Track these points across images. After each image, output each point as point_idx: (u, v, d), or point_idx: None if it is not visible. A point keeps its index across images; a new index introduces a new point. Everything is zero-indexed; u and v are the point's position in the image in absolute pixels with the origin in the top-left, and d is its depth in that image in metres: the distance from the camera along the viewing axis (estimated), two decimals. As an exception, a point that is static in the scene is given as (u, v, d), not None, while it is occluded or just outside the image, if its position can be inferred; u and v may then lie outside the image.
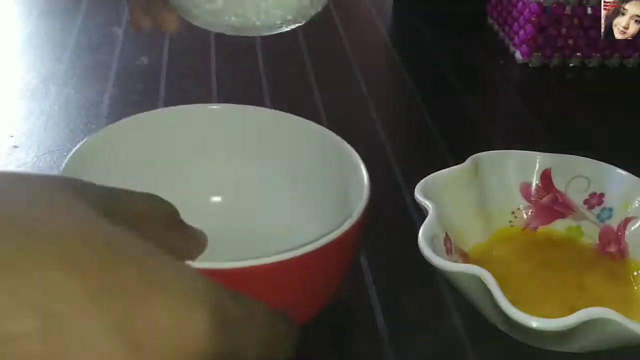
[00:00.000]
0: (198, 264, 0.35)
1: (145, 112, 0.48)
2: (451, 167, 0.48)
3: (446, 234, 0.45)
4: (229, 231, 0.47)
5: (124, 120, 0.47)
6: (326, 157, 0.46)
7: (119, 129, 0.47)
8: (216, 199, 0.50)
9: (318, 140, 0.47)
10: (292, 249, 0.36)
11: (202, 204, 0.48)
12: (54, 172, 0.52)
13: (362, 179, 0.42)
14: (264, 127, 0.49)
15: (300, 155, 0.48)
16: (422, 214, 0.45)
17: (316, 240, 0.37)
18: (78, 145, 0.44)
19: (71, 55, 0.76)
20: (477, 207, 0.49)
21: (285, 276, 0.37)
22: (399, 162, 0.44)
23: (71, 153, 0.43)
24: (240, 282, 0.36)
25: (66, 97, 0.68)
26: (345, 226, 0.38)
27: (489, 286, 0.38)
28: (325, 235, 0.37)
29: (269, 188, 0.49)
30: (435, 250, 0.41)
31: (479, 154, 0.50)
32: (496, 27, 0.86)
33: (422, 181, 0.46)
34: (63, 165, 0.42)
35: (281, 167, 0.49)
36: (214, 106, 0.51)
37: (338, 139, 0.46)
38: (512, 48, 0.81)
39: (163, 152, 0.48)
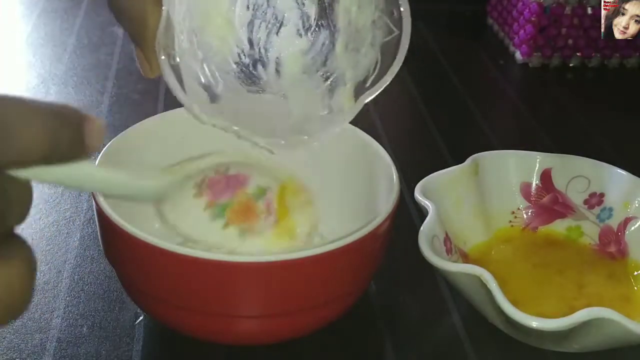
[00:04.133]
0: (240, 257, 0.36)
1: (173, 110, 0.48)
2: (451, 167, 0.48)
3: (446, 234, 0.45)
4: None
5: (159, 115, 0.47)
6: (356, 156, 0.47)
7: (149, 125, 0.47)
8: None
9: (349, 139, 0.47)
10: (325, 244, 0.37)
11: None
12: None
13: (392, 177, 0.42)
14: None
15: (331, 154, 0.48)
16: (422, 214, 0.45)
17: (349, 235, 0.37)
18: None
19: (71, 55, 0.76)
20: (477, 207, 0.49)
21: (320, 270, 0.38)
22: (399, 162, 0.44)
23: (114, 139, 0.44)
24: (278, 274, 0.37)
25: (66, 97, 0.68)
26: (378, 220, 0.38)
27: (489, 286, 0.38)
28: (358, 230, 0.38)
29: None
30: (435, 250, 0.41)
31: (479, 154, 0.50)
32: (496, 27, 0.86)
33: (422, 181, 0.46)
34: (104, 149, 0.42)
35: (312, 164, 0.49)
36: None
37: (368, 138, 0.46)
38: (512, 48, 0.81)
39: (195, 148, 0.48)
